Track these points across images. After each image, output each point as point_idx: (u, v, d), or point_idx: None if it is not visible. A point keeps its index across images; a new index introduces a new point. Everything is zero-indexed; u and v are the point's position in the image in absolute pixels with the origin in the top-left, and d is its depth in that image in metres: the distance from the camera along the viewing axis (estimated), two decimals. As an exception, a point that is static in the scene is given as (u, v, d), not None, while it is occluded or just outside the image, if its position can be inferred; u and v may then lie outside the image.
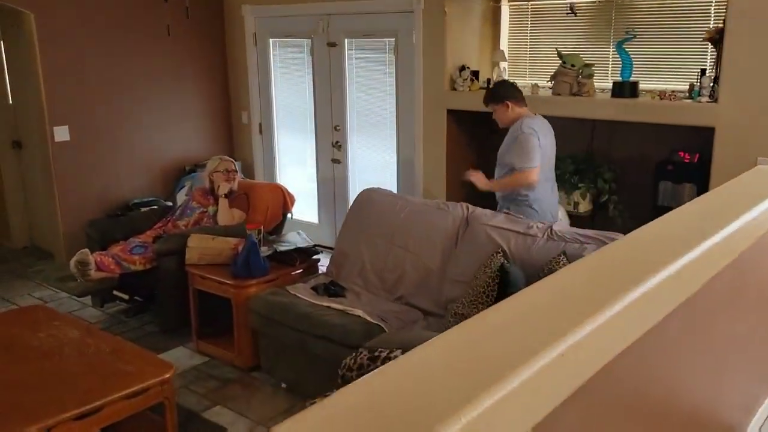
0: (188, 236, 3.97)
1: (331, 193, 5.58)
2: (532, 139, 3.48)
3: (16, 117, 5.75)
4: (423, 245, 3.51)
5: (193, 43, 5.70)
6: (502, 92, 3.65)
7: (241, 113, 6.03)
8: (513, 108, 3.62)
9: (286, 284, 3.69)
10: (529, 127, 3.51)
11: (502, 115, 3.65)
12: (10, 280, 5.17)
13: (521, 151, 3.49)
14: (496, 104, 3.66)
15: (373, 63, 5.08)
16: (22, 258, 5.74)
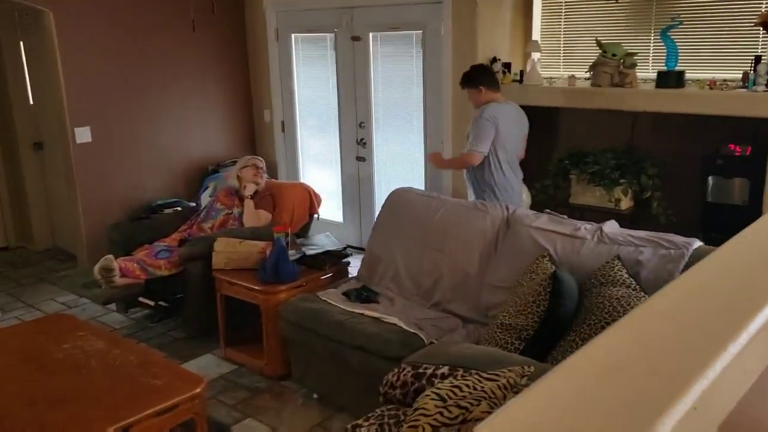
0: (214, 240, 3.83)
1: (356, 191, 5.42)
2: (487, 126, 3.67)
3: (37, 118, 5.66)
4: (460, 248, 3.33)
5: (217, 39, 5.57)
6: (477, 77, 3.81)
7: (263, 111, 5.89)
8: (486, 93, 3.79)
9: (316, 289, 3.55)
10: (490, 114, 3.69)
11: (475, 98, 3.83)
12: (33, 284, 5.07)
13: (474, 133, 3.70)
14: (471, 88, 3.83)
15: (398, 57, 4.91)
16: (45, 261, 5.65)
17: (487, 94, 3.79)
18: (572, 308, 2.59)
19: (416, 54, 4.78)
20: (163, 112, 5.35)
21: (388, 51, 4.96)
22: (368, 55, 5.03)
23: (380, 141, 5.19)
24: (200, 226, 4.36)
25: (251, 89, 5.91)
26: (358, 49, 5.09)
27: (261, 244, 3.77)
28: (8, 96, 5.60)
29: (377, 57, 5.01)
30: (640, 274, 2.72)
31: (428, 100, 4.77)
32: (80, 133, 4.89)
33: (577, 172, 4.18)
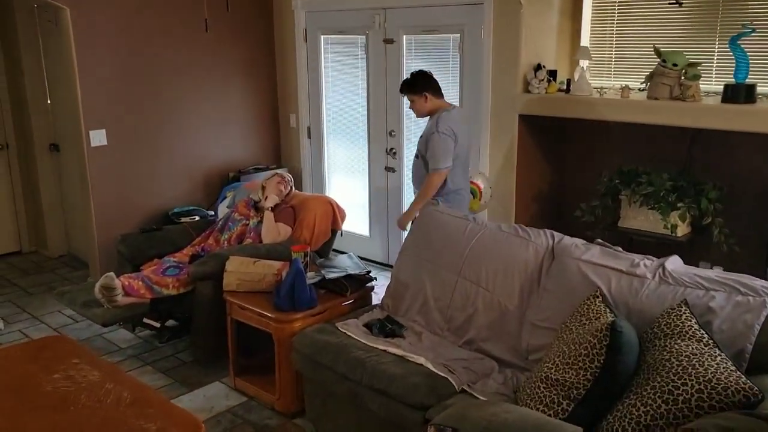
0: (227, 258, 3.51)
1: (384, 204, 5.13)
2: (448, 142, 3.60)
3: (54, 118, 5.47)
4: (498, 280, 2.95)
5: (237, 39, 5.34)
6: (421, 83, 3.71)
7: (289, 116, 5.64)
8: (431, 99, 3.71)
9: (334, 317, 3.23)
10: (445, 126, 3.61)
11: (420, 106, 3.74)
12: (42, 294, 4.86)
13: (434, 151, 3.61)
14: (414, 95, 3.72)
15: (434, 61, 4.60)
16: (57, 268, 5.44)
17: (433, 101, 3.73)
18: (633, 365, 2.18)
19: (453, 59, 4.48)
20: (182, 114, 5.12)
21: (422, 55, 4.67)
22: (401, 59, 4.75)
23: (412, 151, 4.81)
24: (217, 237, 4.11)
25: (277, 92, 5.68)
26: (390, 53, 4.81)
27: (277, 265, 3.45)
28: (25, 95, 5.40)
29: (411, 61, 4.73)
30: (711, 323, 2.30)
31: (465, 109, 4.45)
32: (95, 136, 4.67)
33: (628, 192, 3.76)
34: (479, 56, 4.27)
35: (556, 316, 2.67)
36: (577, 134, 4.30)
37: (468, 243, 3.11)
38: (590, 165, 4.24)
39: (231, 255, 3.56)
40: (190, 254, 3.98)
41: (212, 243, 4.08)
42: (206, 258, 3.65)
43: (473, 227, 3.18)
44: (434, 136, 3.61)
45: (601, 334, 2.18)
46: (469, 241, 3.11)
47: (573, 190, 4.36)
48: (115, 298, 3.47)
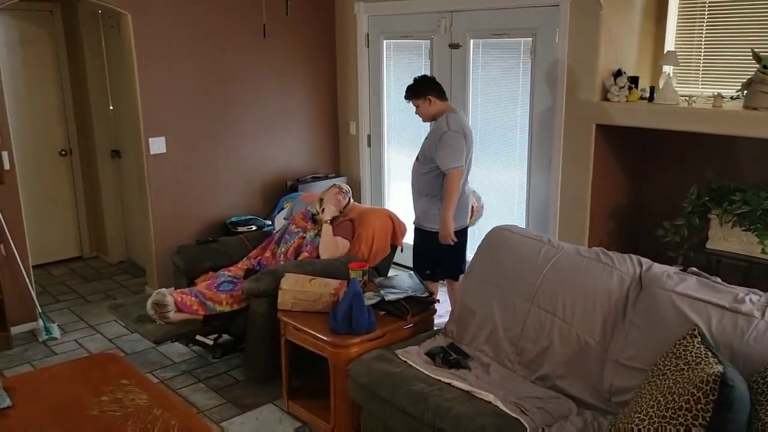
0: (282, 275, 3.37)
1: None
2: (459, 140, 3.65)
3: (116, 125, 5.46)
4: (577, 310, 2.68)
5: (296, 45, 5.24)
6: (424, 87, 3.77)
7: (349, 123, 5.52)
8: (435, 102, 3.76)
9: (393, 343, 3.03)
10: (457, 125, 3.66)
11: (425, 110, 3.79)
12: (99, 302, 4.83)
13: (450, 151, 3.64)
14: (418, 99, 3.77)
15: (503, 67, 4.40)
16: (117, 274, 5.43)
17: (437, 104, 3.77)
18: (744, 424, 1.85)
19: (524, 64, 4.24)
20: (240, 121, 5.04)
21: (490, 60, 4.46)
22: (467, 64, 4.55)
23: (476, 164, 4.67)
24: (274, 250, 3.99)
25: (337, 98, 5.57)
26: (456, 58, 4.61)
27: (334, 284, 3.27)
28: (89, 101, 5.40)
29: (478, 67, 4.53)
30: (837, 375, 1.95)
31: (536, 119, 4.23)
32: (154, 143, 4.62)
33: (719, 211, 3.40)
34: (553, 61, 4.02)
35: (645, 354, 2.38)
36: (659, 146, 3.97)
37: (543, 267, 2.85)
38: (673, 179, 3.93)
39: (286, 272, 3.41)
40: (246, 268, 3.86)
41: (269, 256, 3.95)
42: (261, 274, 3.50)
43: (548, 250, 2.92)
44: (447, 135, 3.64)
45: (707, 387, 1.86)
46: (543, 265, 2.85)
47: (653, 206, 4.05)
48: (167, 314, 3.36)
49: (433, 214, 3.81)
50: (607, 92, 3.79)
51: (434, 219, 3.79)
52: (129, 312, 3.58)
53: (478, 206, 4.13)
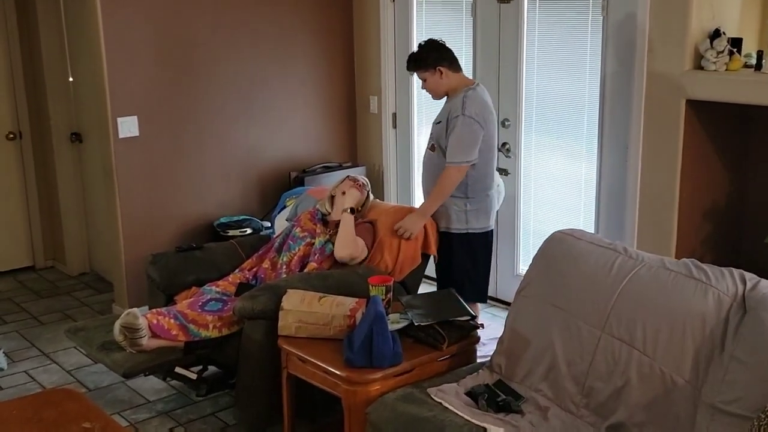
0: (284, 291, 3.40)
1: None
2: (475, 129, 3.75)
3: (77, 102, 5.56)
4: (661, 340, 2.70)
5: (304, 5, 5.30)
6: (433, 55, 3.84)
7: (369, 99, 5.58)
8: (447, 74, 3.85)
9: (425, 379, 3.06)
10: (474, 108, 3.76)
11: (435, 84, 3.88)
12: (55, 324, 4.91)
13: (459, 139, 3.75)
14: (426, 71, 3.85)
15: (566, 28, 4.47)
16: (77, 289, 5.54)
17: (450, 76, 3.86)
18: None
19: (593, 24, 4.29)
20: (233, 98, 5.11)
21: (550, 20, 4.54)
22: (521, 23, 4.63)
23: (532, 148, 4.80)
24: (273, 260, 4.01)
25: (354, 68, 5.62)
26: (506, 15, 4.68)
27: (349, 303, 3.30)
28: (42, 72, 5.50)
29: (534, 27, 4.60)
30: None
31: (608, 94, 4.28)
32: (124, 125, 4.68)
33: None
34: (630, 19, 4.07)
35: (750, 397, 2.38)
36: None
37: (617, 284, 2.88)
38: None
39: (289, 288, 3.44)
40: (238, 282, 3.89)
41: (267, 267, 3.98)
42: (257, 290, 3.53)
43: (625, 262, 2.94)
44: (459, 120, 3.74)
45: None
46: (618, 281, 2.88)
47: (761, 206, 4.06)
48: (139, 341, 3.40)
49: (459, 211, 3.92)
50: (701, 59, 3.81)
51: (460, 218, 3.93)
52: (92, 337, 3.60)
53: None
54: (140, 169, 4.76)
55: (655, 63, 3.94)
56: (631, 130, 4.11)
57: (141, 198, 4.78)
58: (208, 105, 4.99)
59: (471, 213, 3.95)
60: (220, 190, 5.09)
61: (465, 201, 3.91)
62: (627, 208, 4.20)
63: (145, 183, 4.80)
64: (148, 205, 4.81)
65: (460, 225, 3.95)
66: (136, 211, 4.77)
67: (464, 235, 3.97)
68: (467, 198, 3.91)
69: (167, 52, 4.78)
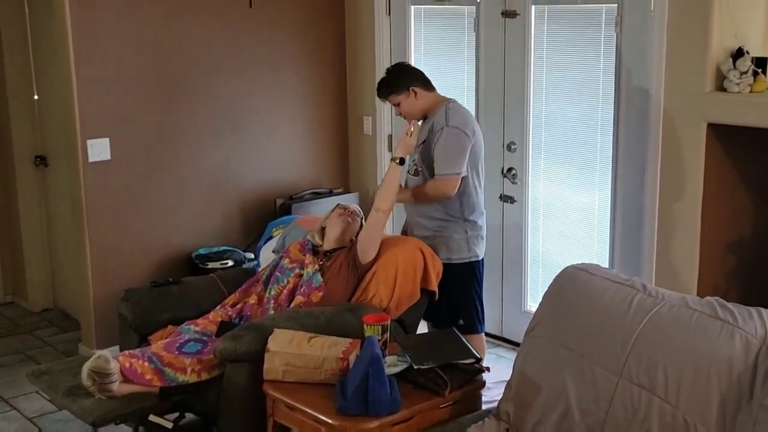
0: (270, 331, 3.41)
1: (497, 249, 5.02)
2: (463, 139, 3.89)
3: (42, 122, 5.58)
4: (684, 386, 2.69)
5: (292, 15, 5.37)
6: (405, 78, 4.00)
7: (363, 119, 5.64)
8: (421, 94, 3.98)
9: (425, 428, 3.09)
10: (458, 119, 3.92)
11: (410, 107, 3.99)
12: (16, 366, 4.89)
13: (445, 153, 3.89)
14: (399, 94, 3.98)
15: (577, 45, 4.53)
16: (40, 327, 5.52)
17: (425, 96, 4.00)
18: None
19: (606, 41, 4.36)
20: (214, 119, 5.14)
21: (559, 35, 4.60)
22: (528, 39, 4.69)
23: (541, 174, 4.84)
24: (260, 295, 4.03)
25: (347, 86, 5.69)
26: (512, 31, 4.76)
27: (342, 344, 3.32)
28: (5, 89, 5.53)
29: (542, 43, 4.66)
30: None
31: (623, 116, 4.33)
32: (95, 147, 4.70)
33: None
34: (646, 37, 4.13)
35: None
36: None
37: (636, 325, 2.88)
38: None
39: (275, 327, 3.45)
40: (220, 321, 3.88)
41: (253, 303, 3.99)
42: (241, 330, 3.54)
43: (643, 300, 2.94)
44: (444, 132, 3.87)
45: None
46: (637, 321, 2.88)
47: None
48: (109, 386, 3.37)
49: (460, 239, 4.01)
50: (723, 80, 3.85)
51: (462, 246, 4.01)
52: (57, 381, 3.58)
53: None
54: (112, 195, 4.77)
55: (673, 83, 3.99)
56: (649, 156, 4.14)
57: (112, 227, 4.79)
58: (187, 126, 5.02)
59: (473, 239, 4.02)
60: (200, 218, 5.11)
61: (464, 226, 4.00)
62: (644, 241, 4.23)
63: (117, 211, 4.80)
64: (119, 234, 4.82)
65: (462, 254, 4.01)
66: (107, 242, 4.78)
67: (467, 265, 4.03)
68: (465, 221, 4.00)
69: (143, 67, 4.82)
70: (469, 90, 5.02)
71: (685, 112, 3.95)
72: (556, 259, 4.60)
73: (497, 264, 5.03)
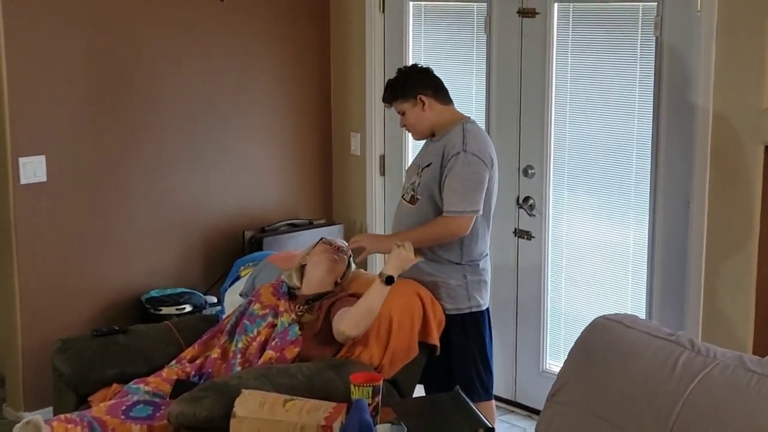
0: (237, 392, 3.37)
1: (510, 295, 5.05)
2: (481, 171, 3.88)
3: None
4: None
5: (268, 13, 5.43)
6: (412, 81, 3.98)
7: (350, 137, 5.67)
8: (431, 105, 3.96)
9: None
10: (475, 145, 3.89)
11: (416, 118, 3.99)
12: None
13: (462, 186, 3.86)
14: (404, 101, 3.97)
15: (607, 49, 4.56)
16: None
17: (435, 108, 3.98)
18: None
19: (643, 45, 4.39)
20: (172, 134, 5.17)
21: (587, 38, 4.64)
22: (549, 43, 4.73)
23: (564, 205, 4.88)
24: (225, 347, 4.01)
25: (331, 97, 5.74)
26: (530, 33, 4.80)
27: (324, 408, 3.30)
28: None
29: (566, 47, 4.71)
30: None
31: (665, 135, 4.35)
32: (28, 167, 4.73)
33: None
34: (692, 41, 4.16)
35: None
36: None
37: (682, 389, 2.86)
38: None
39: (244, 387, 3.41)
40: (175, 378, 3.86)
41: (216, 357, 3.97)
42: (201, 390, 3.50)
43: (691, 359, 2.92)
44: (460, 158, 3.84)
45: None
46: (683, 385, 2.86)
47: None
48: (41, 458, 3.35)
49: (458, 286, 4.00)
50: (786, 93, 3.90)
51: (460, 293, 4.01)
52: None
53: None
54: (47, 224, 4.78)
55: (725, 97, 4.02)
56: (694, 184, 4.16)
57: (47, 263, 4.80)
58: (140, 143, 5.04)
59: (473, 285, 4.01)
60: (153, 254, 5.12)
61: (462, 270, 3.98)
62: (689, 286, 4.24)
63: (53, 243, 4.81)
64: (56, 272, 4.82)
65: (460, 303, 4.00)
66: (41, 280, 4.79)
67: (467, 317, 4.02)
68: (463, 265, 3.98)
69: (89, 74, 4.84)
70: (478, 102, 5.05)
71: (740, 131, 3.99)
72: (582, 309, 4.60)
73: (510, 314, 5.02)
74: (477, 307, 4.04)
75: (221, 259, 5.25)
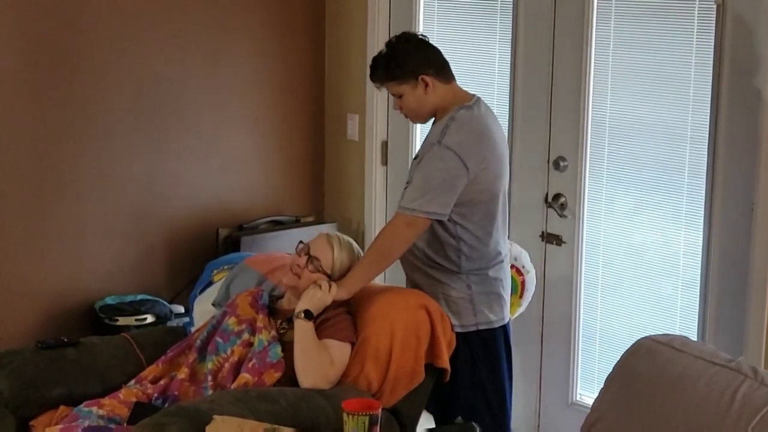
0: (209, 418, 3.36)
1: (535, 310, 5.05)
2: (451, 168, 3.81)
3: None
4: None
5: None
6: (414, 59, 3.92)
7: (346, 119, 5.70)
8: (434, 85, 3.92)
9: None
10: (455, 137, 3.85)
11: (418, 102, 3.96)
12: None
13: (421, 181, 3.85)
14: (403, 82, 3.92)
15: (657, 23, 4.57)
16: None
17: (438, 89, 3.94)
18: None
19: (701, 20, 4.40)
20: (131, 115, 5.22)
21: (630, 26, 4.70)
22: (588, 20, 4.77)
23: (602, 204, 4.90)
24: (194, 367, 4.03)
25: (325, 73, 5.79)
26: (564, 9, 4.87)
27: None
28: None
29: (607, 37, 4.76)
30: None
31: (725, 124, 4.34)
32: None
33: None
34: (758, 18, 4.15)
35: None
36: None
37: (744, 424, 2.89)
38: None
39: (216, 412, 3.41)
40: (134, 401, 3.88)
41: (183, 378, 3.99)
42: (165, 414, 3.49)
43: (753, 390, 2.96)
44: (434, 150, 3.84)
45: None
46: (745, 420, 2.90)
47: None
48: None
49: (460, 298, 3.99)
50: None
51: (461, 309, 3.99)
52: None
53: (530, 276, 4.36)
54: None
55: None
56: (760, 180, 4.16)
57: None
58: (92, 125, 5.08)
59: (480, 298, 4.00)
60: (108, 255, 5.17)
61: (466, 279, 3.98)
62: (750, 303, 4.22)
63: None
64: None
65: (465, 319, 3.99)
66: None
67: (475, 335, 4.02)
68: (462, 273, 3.97)
69: (29, 42, 4.87)
70: (501, 84, 5.09)
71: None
72: (621, 328, 4.62)
73: (534, 333, 5.05)
74: (486, 324, 4.01)
75: (190, 262, 5.29)
